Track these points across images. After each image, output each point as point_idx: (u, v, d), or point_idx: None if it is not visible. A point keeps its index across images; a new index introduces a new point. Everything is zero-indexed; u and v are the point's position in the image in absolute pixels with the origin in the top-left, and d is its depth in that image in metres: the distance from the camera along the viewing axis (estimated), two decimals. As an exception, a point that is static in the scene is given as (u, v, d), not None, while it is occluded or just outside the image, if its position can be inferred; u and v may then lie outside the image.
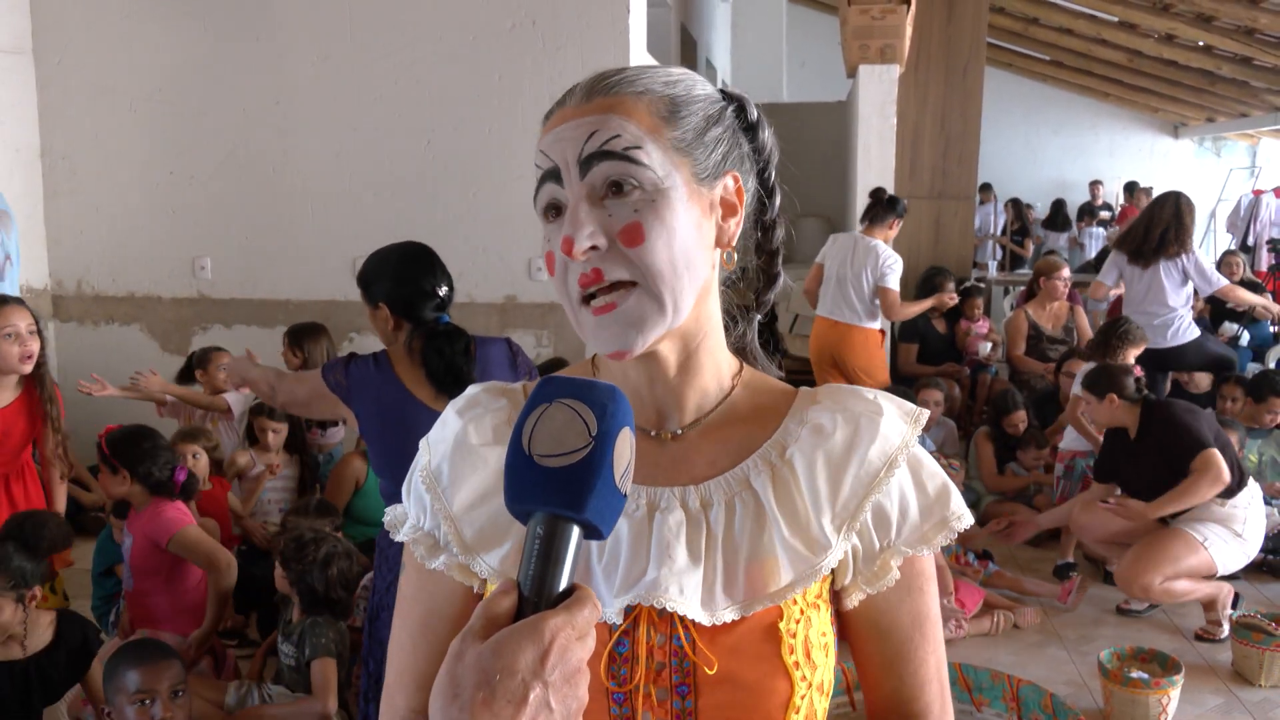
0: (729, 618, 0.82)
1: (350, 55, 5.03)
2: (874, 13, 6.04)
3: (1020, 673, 3.17)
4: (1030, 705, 3.00)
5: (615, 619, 0.83)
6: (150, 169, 5.25)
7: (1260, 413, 4.69)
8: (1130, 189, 11.17)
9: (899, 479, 0.87)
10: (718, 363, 0.91)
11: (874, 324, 5.07)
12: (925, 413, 0.92)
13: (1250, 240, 10.66)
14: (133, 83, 5.20)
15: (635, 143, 0.81)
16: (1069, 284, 6.13)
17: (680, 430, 0.90)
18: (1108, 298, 5.67)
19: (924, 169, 7.63)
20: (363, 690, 2.40)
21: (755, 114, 0.91)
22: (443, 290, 2.41)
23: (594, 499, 0.64)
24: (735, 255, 0.89)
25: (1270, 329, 6.85)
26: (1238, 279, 6.31)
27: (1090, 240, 11.27)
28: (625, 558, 0.84)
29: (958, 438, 5.58)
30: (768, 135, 0.93)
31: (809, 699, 0.86)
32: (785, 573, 0.84)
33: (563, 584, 0.64)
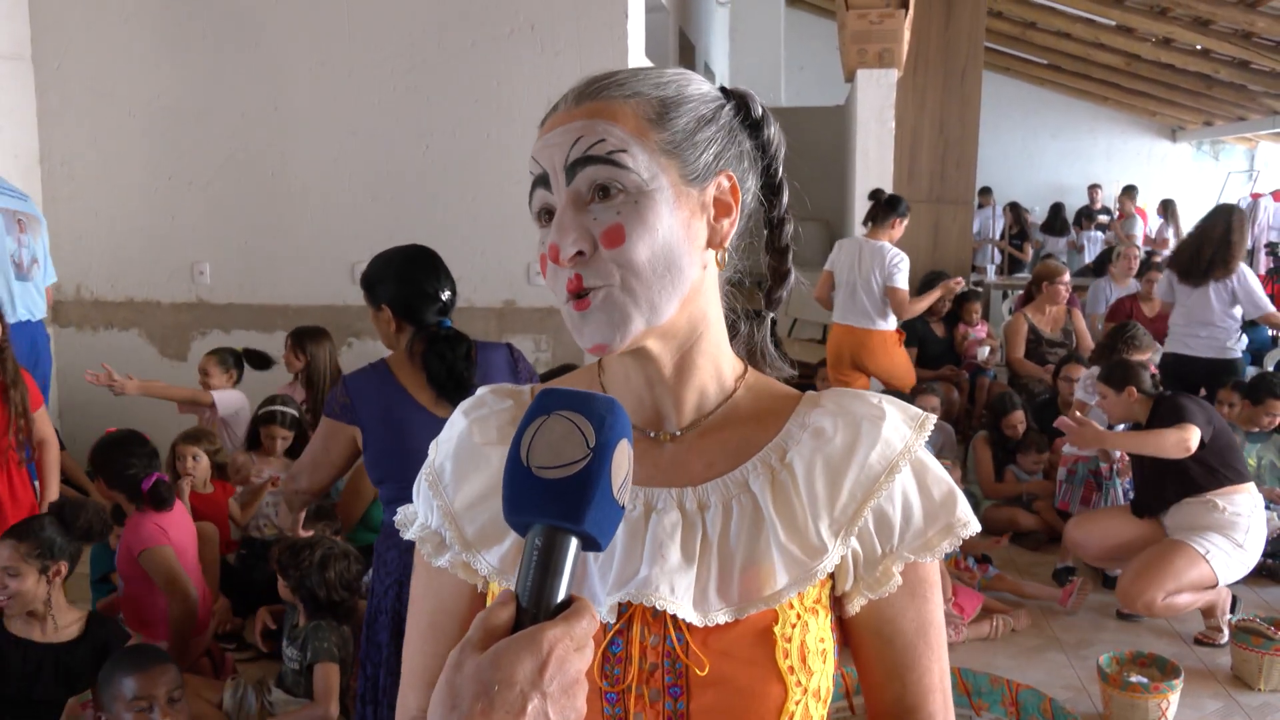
0: (722, 620, 0.82)
1: (348, 59, 5.03)
2: (872, 17, 6.04)
3: (1019, 677, 3.17)
4: (1029, 709, 2.99)
5: (608, 618, 0.83)
6: (149, 174, 5.26)
7: (1258, 415, 4.69)
8: (1128, 192, 11.15)
9: (902, 484, 0.86)
10: (717, 364, 0.91)
11: (889, 325, 5.11)
12: (931, 417, 0.90)
13: (1248, 244, 10.64)
14: (131, 88, 5.20)
15: (620, 146, 0.81)
16: (1069, 288, 6.14)
17: (679, 431, 0.90)
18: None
19: (922, 173, 7.63)
20: (360, 693, 2.39)
21: (759, 111, 0.91)
22: (445, 294, 2.40)
23: (592, 510, 0.64)
24: (729, 255, 0.88)
25: (1268, 333, 6.84)
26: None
27: (1089, 244, 11.24)
28: (619, 557, 0.85)
29: (956, 442, 5.59)
30: (773, 131, 0.92)
31: (804, 704, 0.85)
32: (780, 576, 0.83)
33: (561, 595, 0.64)
